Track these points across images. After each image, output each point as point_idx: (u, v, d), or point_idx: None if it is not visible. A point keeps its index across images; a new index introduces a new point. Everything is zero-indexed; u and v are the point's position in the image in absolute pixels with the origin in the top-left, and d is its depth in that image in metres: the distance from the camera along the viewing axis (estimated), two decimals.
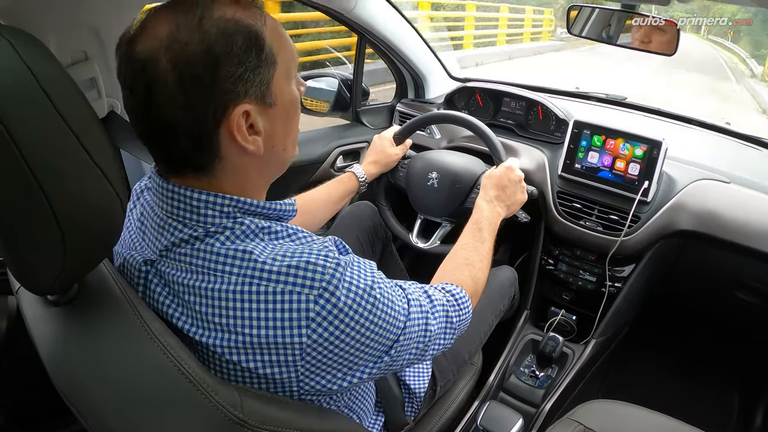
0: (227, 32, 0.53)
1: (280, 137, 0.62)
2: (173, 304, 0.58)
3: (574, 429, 0.94)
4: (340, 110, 1.78)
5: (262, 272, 0.55)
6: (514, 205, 1.12)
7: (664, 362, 1.75)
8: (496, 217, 1.05)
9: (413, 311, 0.66)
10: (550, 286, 1.58)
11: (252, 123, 0.57)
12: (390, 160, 1.32)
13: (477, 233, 0.98)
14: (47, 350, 0.56)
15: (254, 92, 0.56)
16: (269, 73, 0.57)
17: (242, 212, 0.60)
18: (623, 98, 1.74)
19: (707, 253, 1.32)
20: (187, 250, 0.58)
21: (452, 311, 0.76)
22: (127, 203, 0.72)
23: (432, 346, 0.72)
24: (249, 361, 0.55)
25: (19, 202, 0.45)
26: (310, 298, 0.54)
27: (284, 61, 0.59)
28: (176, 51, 0.51)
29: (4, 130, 0.41)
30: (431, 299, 0.73)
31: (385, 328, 0.60)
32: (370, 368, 0.61)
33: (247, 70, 0.55)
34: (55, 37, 0.85)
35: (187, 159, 0.58)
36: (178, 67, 0.51)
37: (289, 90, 0.62)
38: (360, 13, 1.50)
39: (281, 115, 0.61)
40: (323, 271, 0.55)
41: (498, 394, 1.38)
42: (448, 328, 0.75)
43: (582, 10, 1.25)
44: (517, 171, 1.14)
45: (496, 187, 1.10)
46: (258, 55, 0.55)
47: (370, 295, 0.58)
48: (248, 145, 0.57)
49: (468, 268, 0.90)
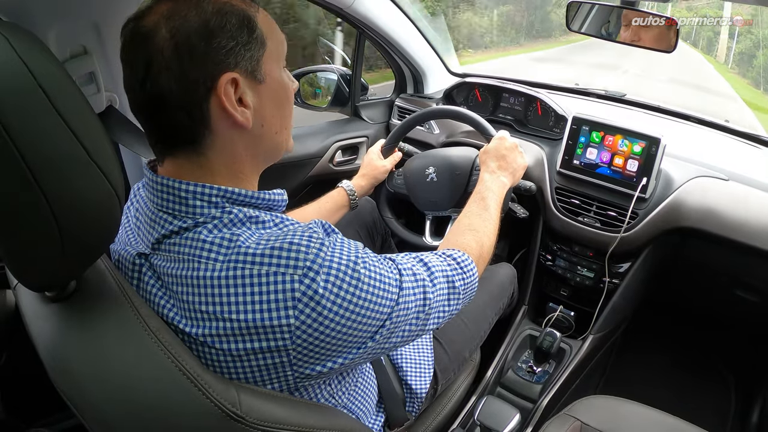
0: (222, 11, 0.57)
1: (269, 116, 0.63)
2: (165, 296, 0.59)
3: (571, 424, 0.94)
4: (338, 105, 1.78)
5: (246, 256, 0.55)
6: (517, 171, 1.12)
7: (662, 358, 1.75)
8: (501, 186, 1.05)
9: (406, 281, 0.65)
10: (548, 281, 1.59)
11: (241, 96, 0.59)
12: (377, 173, 1.30)
13: (480, 202, 0.98)
14: (45, 347, 0.56)
15: (244, 66, 0.59)
16: (259, 52, 0.60)
17: (230, 202, 0.61)
18: (622, 95, 1.73)
19: (706, 250, 1.33)
20: (176, 241, 0.58)
21: (455, 276, 0.75)
22: (126, 200, 0.72)
23: (434, 315, 0.70)
24: (240, 349, 0.55)
25: (16, 199, 0.44)
26: (295, 278, 0.54)
27: (274, 45, 0.63)
28: (175, 21, 0.55)
29: (0, 127, 0.41)
30: (428, 267, 0.72)
31: (376, 302, 0.59)
32: (365, 344, 0.61)
33: (238, 44, 0.58)
34: (54, 30, 0.84)
35: (179, 131, 0.59)
36: (175, 37, 0.55)
37: (279, 73, 0.64)
38: (359, 8, 1.49)
39: (271, 95, 0.63)
40: (307, 251, 0.55)
41: (495, 390, 1.39)
42: (451, 295, 0.74)
43: (581, 6, 1.24)
44: (510, 139, 1.14)
45: (495, 158, 1.10)
46: (250, 34, 0.59)
47: (354, 270, 0.58)
48: (237, 114, 0.59)
49: (472, 233, 0.88)
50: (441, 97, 1.78)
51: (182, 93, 0.56)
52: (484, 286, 0.90)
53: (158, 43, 0.55)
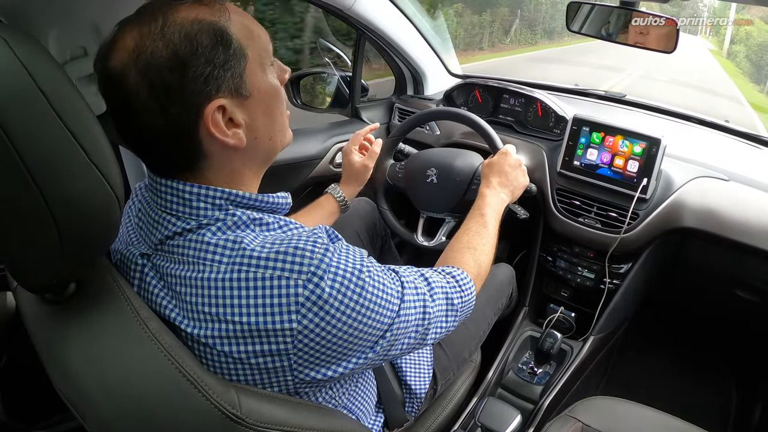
0: (191, 34, 0.53)
1: (262, 127, 0.62)
2: (167, 297, 0.58)
3: (572, 425, 0.94)
4: (338, 106, 1.78)
5: (250, 259, 0.55)
6: (517, 189, 1.12)
7: (663, 359, 1.75)
8: (500, 203, 1.05)
9: (408, 294, 0.65)
10: (549, 282, 1.59)
11: (231, 116, 0.58)
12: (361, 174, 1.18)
13: (480, 219, 0.98)
14: (45, 349, 0.56)
15: (227, 87, 0.56)
16: (240, 66, 0.57)
17: (234, 204, 0.61)
18: (622, 95, 1.73)
19: (706, 250, 1.32)
20: (179, 242, 0.58)
21: (453, 293, 0.75)
22: (127, 201, 0.72)
23: (432, 330, 0.71)
24: (241, 352, 0.55)
25: (15, 201, 0.44)
26: (299, 282, 0.54)
27: (255, 52, 0.59)
28: (144, 61, 0.52)
29: (0, 129, 0.41)
30: (429, 282, 0.72)
31: (378, 312, 0.59)
32: (365, 353, 0.61)
33: (215, 68, 0.55)
34: (54, 32, 0.84)
35: (172, 161, 0.58)
36: (147, 77, 0.52)
37: (266, 80, 0.61)
38: (359, 10, 1.50)
39: (260, 106, 0.61)
40: (311, 256, 0.55)
41: (496, 391, 1.38)
42: (449, 311, 0.74)
43: (581, 7, 1.24)
44: (514, 155, 1.14)
45: (497, 174, 1.10)
46: (225, 51, 0.56)
47: (359, 278, 0.58)
48: (228, 139, 0.58)
49: (470, 251, 0.89)
50: (441, 98, 1.78)
51: (169, 129, 0.55)
52: (482, 286, 0.90)
53: (131, 86, 0.53)
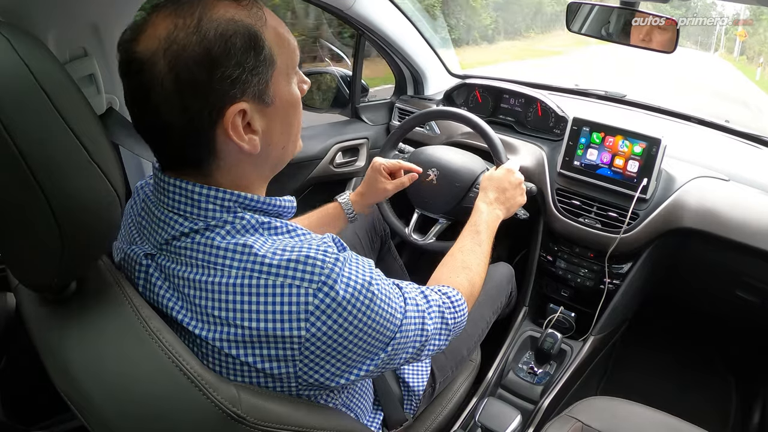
0: (226, 34, 0.53)
1: (277, 136, 0.62)
2: (173, 298, 0.58)
3: (572, 425, 0.94)
4: (338, 107, 1.78)
5: (262, 265, 0.55)
6: (513, 207, 1.11)
7: (663, 359, 1.75)
8: (495, 219, 1.05)
9: (410, 309, 0.67)
10: (549, 283, 1.59)
11: (249, 121, 0.57)
12: (378, 195, 1.16)
13: (475, 236, 0.98)
14: (46, 348, 0.56)
15: (252, 92, 0.56)
16: (268, 74, 0.57)
17: (242, 207, 0.61)
18: (622, 95, 1.74)
19: (706, 250, 1.33)
20: (186, 244, 0.58)
21: (447, 313, 0.77)
22: (128, 200, 0.72)
23: (428, 345, 0.72)
24: (248, 356, 0.55)
25: (16, 200, 0.45)
26: (309, 291, 0.54)
27: (284, 61, 0.59)
28: (174, 53, 0.52)
29: (1, 127, 0.41)
30: (427, 299, 0.74)
31: (383, 324, 0.60)
32: (367, 365, 0.62)
33: (245, 71, 0.54)
34: (54, 33, 0.85)
35: (184, 157, 0.58)
36: (175, 70, 0.52)
37: (289, 90, 0.61)
38: (359, 10, 1.50)
39: (279, 115, 0.61)
40: (322, 266, 0.55)
41: (496, 391, 1.38)
42: (443, 329, 0.76)
43: (581, 7, 1.24)
44: (517, 174, 1.13)
45: (496, 190, 1.09)
46: (257, 56, 0.55)
47: (368, 290, 0.58)
48: (244, 144, 0.57)
49: (465, 271, 0.90)
50: (441, 99, 1.78)
51: (185, 124, 0.54)
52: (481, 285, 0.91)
53: (157, 75, 0.52)
